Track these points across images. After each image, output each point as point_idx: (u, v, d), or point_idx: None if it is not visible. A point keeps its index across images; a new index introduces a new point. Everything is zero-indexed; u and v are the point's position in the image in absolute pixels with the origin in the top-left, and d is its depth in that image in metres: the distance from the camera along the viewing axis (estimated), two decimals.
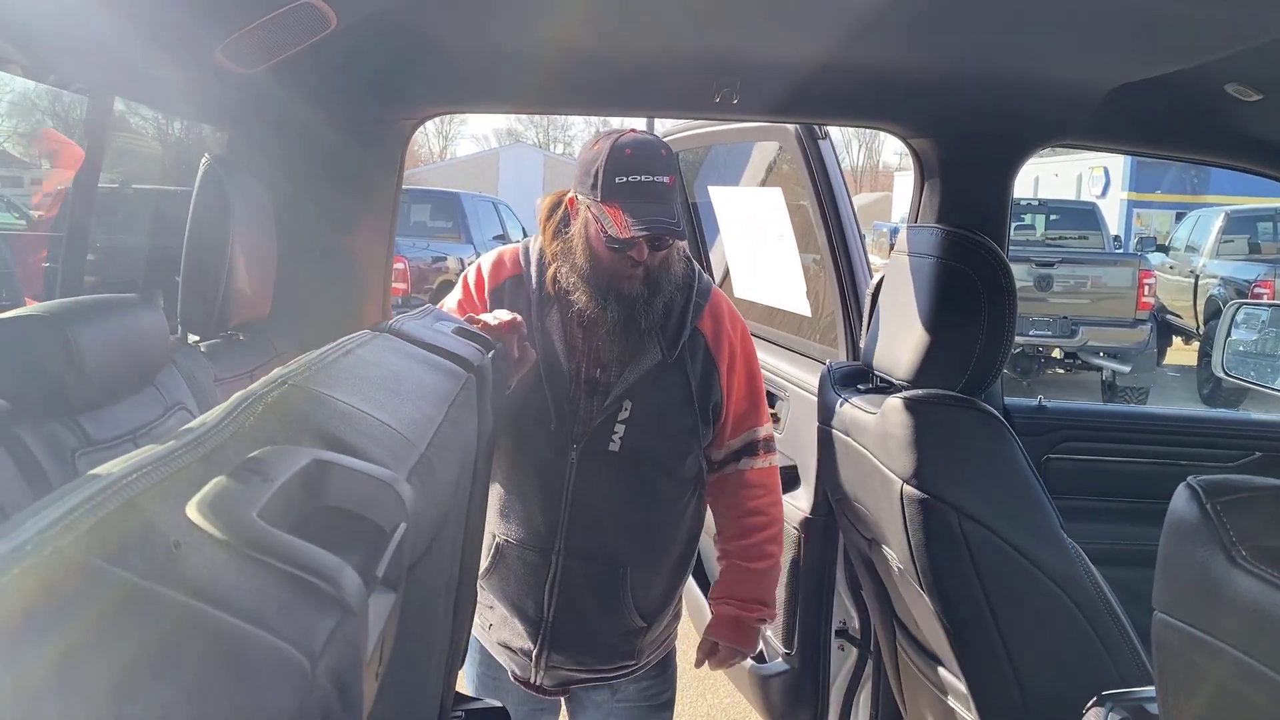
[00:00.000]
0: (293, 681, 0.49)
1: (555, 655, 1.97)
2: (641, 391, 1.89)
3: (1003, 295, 1.73)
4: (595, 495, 1.90)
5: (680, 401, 1.92)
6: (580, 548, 1.91)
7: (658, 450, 1.92)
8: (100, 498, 0.51)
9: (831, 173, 2.53)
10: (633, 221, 1.74)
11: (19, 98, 6.00)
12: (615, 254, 1.81)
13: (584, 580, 1.93)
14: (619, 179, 1.76)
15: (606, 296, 1.84)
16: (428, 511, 0.87)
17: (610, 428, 1.88)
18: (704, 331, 1.94)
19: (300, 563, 0.56)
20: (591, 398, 1.90)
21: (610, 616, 1.96)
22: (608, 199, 1.76)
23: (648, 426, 1.89)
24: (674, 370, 1.91)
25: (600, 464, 1.89)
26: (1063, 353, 10.17)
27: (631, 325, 1.85)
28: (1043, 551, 1.67)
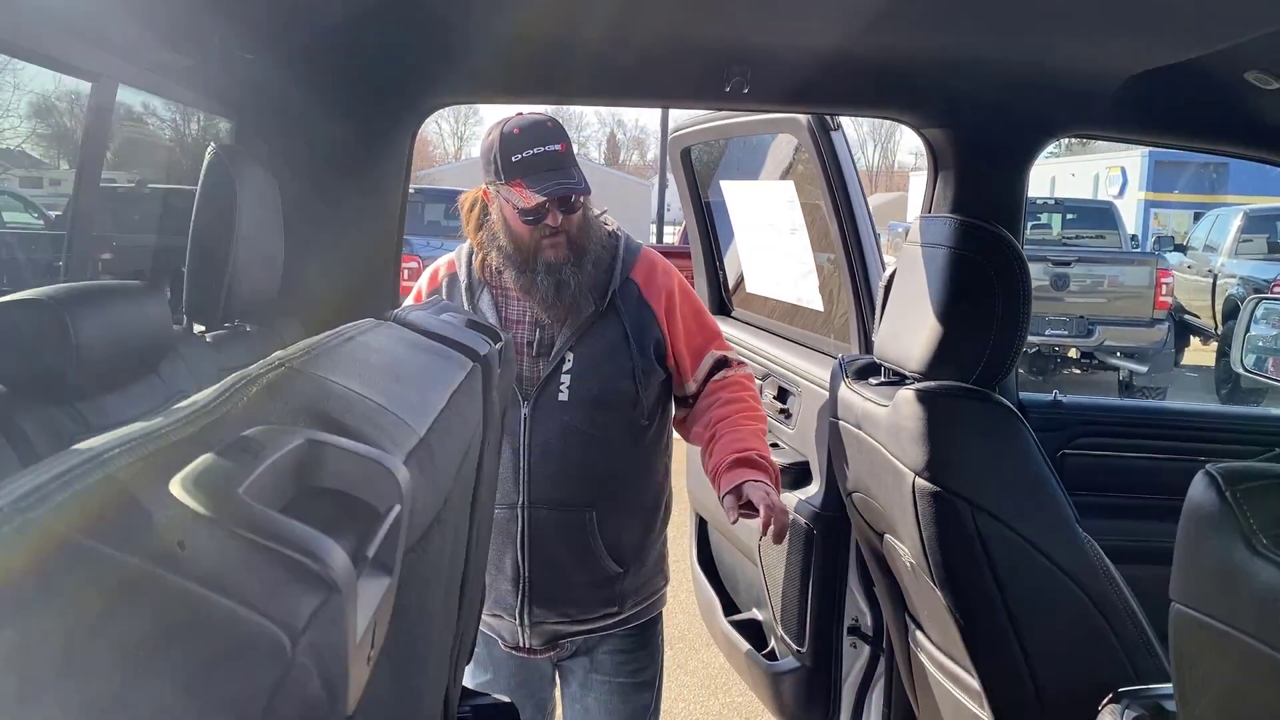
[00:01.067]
0: (271, 659, 0.47)
1: (537, 609, 2.06)
2: (581, 343, 2.03)
3: (1017, 285, 1.71)
4: (552, 445, 2.01)
5: (618, 345, 2.04)
6: (544, 498, 2.02)
7: (605, 394, 2.04)
8: (78, 470, 0.50)
9: (844, 164, 2.50)
10: (535, 190, 1.89)
11: (38, 99, 6.05)
12: (532, 225, 1.95)
13: (553, 529, 2.03)
14: (514, 157, 1.91)
15: (535, 269, 1.97)
16: (426, 496, 0.85)
17: (557, 380, 2.02)
18: (636, 279, 2.08)
19: (286, 539, 0.54)
20: (536, 359, 2.04)
21: (584, 563, 2.06)
22: (509, 178, 1.92)
23: (590, 373, 2.02)
24: (608, 318, 2.05)
25: (553, 414, 2.02)
26: (1079, 352, 10.12)
27: (563, 288, 1.97)
28: (1058, 546, 1.65)
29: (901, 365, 1.87)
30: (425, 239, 11.75)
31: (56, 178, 8.38)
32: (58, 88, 4.62)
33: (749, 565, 3.04)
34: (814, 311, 3.04)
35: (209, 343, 1.79)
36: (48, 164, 8.42)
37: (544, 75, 2.09)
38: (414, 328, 1.20)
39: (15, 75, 5.52)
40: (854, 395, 2.04)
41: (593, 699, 2.19)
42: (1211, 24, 1.67)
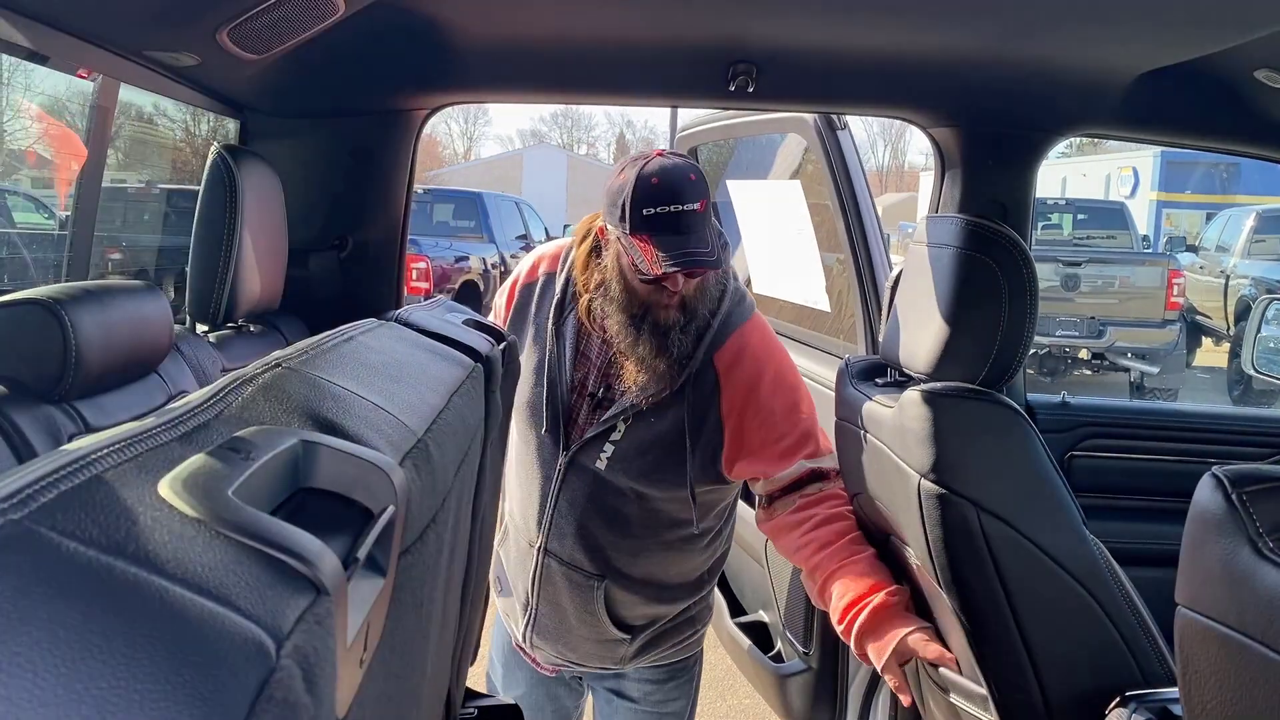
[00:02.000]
0: (254, 662, 0.46)
1: (539, 640, 2.02)
2: (639, 417, 1.84)
3: (1024, 286, 1.69)
4: (578, 505, 1.89)
5: (673, 432, 1.84)
6: (559, 551, 1.93)
7: (640, 479, 1.86)
8: (65, 471, 0.49)
9: (850, 163, 2.50)
10: (664, 256, 1.68)
11: (50, 100, 6.07)
12: (649, 285, 1.76)
13: (562, 582, 1.94)
14: (646, 211, 1.69)
15: (641, 327, 1.79)
16: (423, 497, 0.85)
17: (600, 445, 1.85)
18: (717, 366, 1.86)
19: (273, 541, 0.54)
20: (593, 411, 1.88)
21: (586, 623, 1.96)
22: (636, 232, 1.70)
23: (635, 451, 1.85)
24: (676, 399, 1.84)
25: (584, 479, 1.87)
26: (1090, 353, 10.08)
27: (663, 351, 1.79)
28: (1065, 548, 1.63)
29: (907, 366, 1.86)
30: (434, 239, 11.78)
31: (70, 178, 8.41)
32: (69, 89, 4.63)
33: (755, 567, 3.03)
34: (821, 312, 3.03)
35: (212, 343, 1.79)
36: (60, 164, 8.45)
37: (550, 74, 2.09)
38: (415, 327, 1.20)
39: (26, 76, 5.54)
40: (860, 396, 2.03)
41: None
42: (1221, 22, 1.66)
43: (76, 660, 0.41)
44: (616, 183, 1.75)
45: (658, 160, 1.74)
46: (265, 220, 1.87)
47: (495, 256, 13.08)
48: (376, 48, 1.93)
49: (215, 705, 0.43)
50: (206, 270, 1.76)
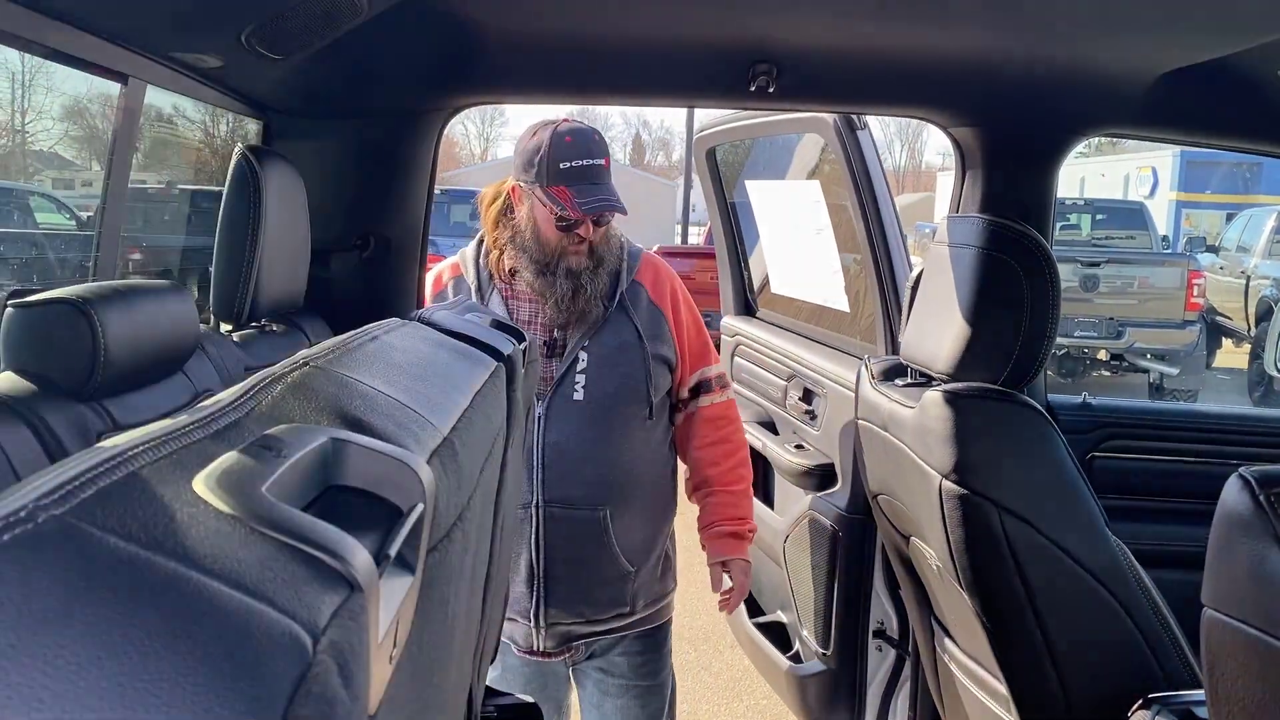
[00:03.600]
0: (291, 656, 0.47)
1: (552, 610, 2.08)
2: (594, 343, 2.06)
3: (1046, 286, 1.69)
4: (566, 444, 2.03)
5: (630, 343, 2.08)
6: (558, 497, 2.04)
7: (619, 391, 2.07)
8: (103, 468, 0.50)
9: (870, 163, 2.49)
10: (581, 201, 1.94)
11: (71, 101, 6.12)
12: (563, 232, 1.99)
13: (567, 528, 2.05)
14: (563, 164, 1.94)
15: (555, 272, 2.01)
16: (449, 495, 0.85)
17: (571, 379, 2.05)
18: (643, 282, 2.13)
19: (307, 537, 0.54)
20: (549, 360, 2.06)
21: (598, 562, 2.08)
22: (555, 183, 1.94)
23: (605, 370, 2.06)
24: (619, 318, 2.08)
25: (568, 413, 2.04)
26: (1109, 354, 10.01)
27: (579, 293, 2.01)
28: (1087, 549, 1.62)
29: (928, 366, 1.85)
30: (451, 240, 11.80)
31: (88, 179, 8.48)
32: (90, 90, 4.67)
33: (773, 567, 3.03)
34: (839, 312, 3.03)
35: (236, 342, 1.80)
36: (79, 165, 8.53)
37: (569, 75, 2.09)
38: (438, 327, 1.20)
39: (48, 78, 5.59)
40: (880, 397, 2.03)
41: (610, 704, 2.21)
42: (1243, 21, 1.65)
43: (119, 654, 0.41)
44: (531, 143, 1.98)
45: (566, 123, 1.99)
46: (288, 220, 1.88)
47: None
48: (398, 49, 1.94)
49: (254, 699, 0.44)
50: (230, 270, 1.77)
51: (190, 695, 0.41)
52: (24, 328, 1.26)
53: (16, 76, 5.55)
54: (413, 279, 2.21)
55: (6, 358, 1.26)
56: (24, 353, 1.25)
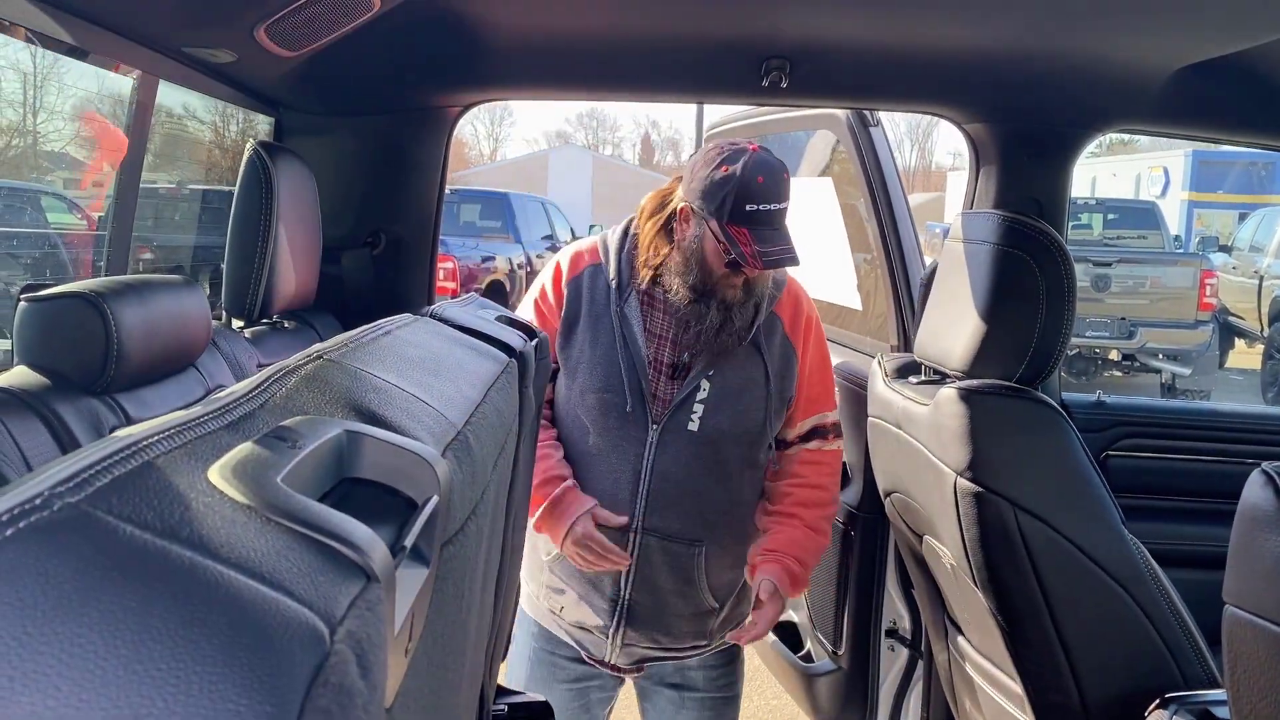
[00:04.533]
0: (309, 646, 0.46)
1: (631, 632, 2.01)
2: (719, 372, 1.94)
3: (1062, 282, 1.68)
4: (674, 474, 1.94)
5: (756, 381, 1.97)
6: (658, 526, 1.95)
7: (735, 429, 1.96)
8: (118, 457, 0.49)
9: (884, 160, 2.48)
10: (761, 250, 1.81)
11: (81, 102, 6.14)
12: (726, 269, 1.87)
13: (661, 559, 1.97)
14: (750, 207, 1.81)
15: (709, 301, 1.90)
16: (463, 489, 0.85)
17: (689, 408, 1.94)
18: (781, 316, 2.00)
19: (323, 528, 0.54)
20: (671, 380, 1.96)
21: (685, 596, 2.00)
22: (736, 223, 1.82)
23: (724, 405, 1.94)
24: (749, 351, 1.96)
25: (680, 443, 1.94)
26: (1120, 355, 9.97)
27: (727, 325, 1.91)
28: (1103, 547, 1.61)
29: (943, 363, 1.84)
30: (461, 239, 11.82)
31: (99, 179, 8.51)
32: (101, 90, 4.68)
33: None
34: (851, 310, 3.02)
35: (248, 338, 1.80)
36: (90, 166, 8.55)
37: (583, 70, 2.09)
38: (450, 323, 1.20)
39: (59, 79, 5.61)
40: (893, 394, 2.01)
41: (685, 716, 2.15)
42: (1260, 15, 1.63)
43: (136, 642, 0.41)
44: (719, 174, 1.84)
45: (759, 156, 1.85)
46: (300, 217, 1.88)
47: (521, 257, 13.11)
48: (411, 45, 1.93)
49: (272, 689, 0.43)
50: (242, 266, 1.77)
51: (208, 684, 0.41)
52: (37, 322, 1.26)
53: (29, 77, 5.56)
54: (424, 276, 2.21)
55: (20, 352, 1.26)
56: (37, 347, 1.25)
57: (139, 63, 1.60)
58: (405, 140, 2.13)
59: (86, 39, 1.42)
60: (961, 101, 2.15)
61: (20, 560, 0.40)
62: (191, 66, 1.70)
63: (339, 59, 1.87)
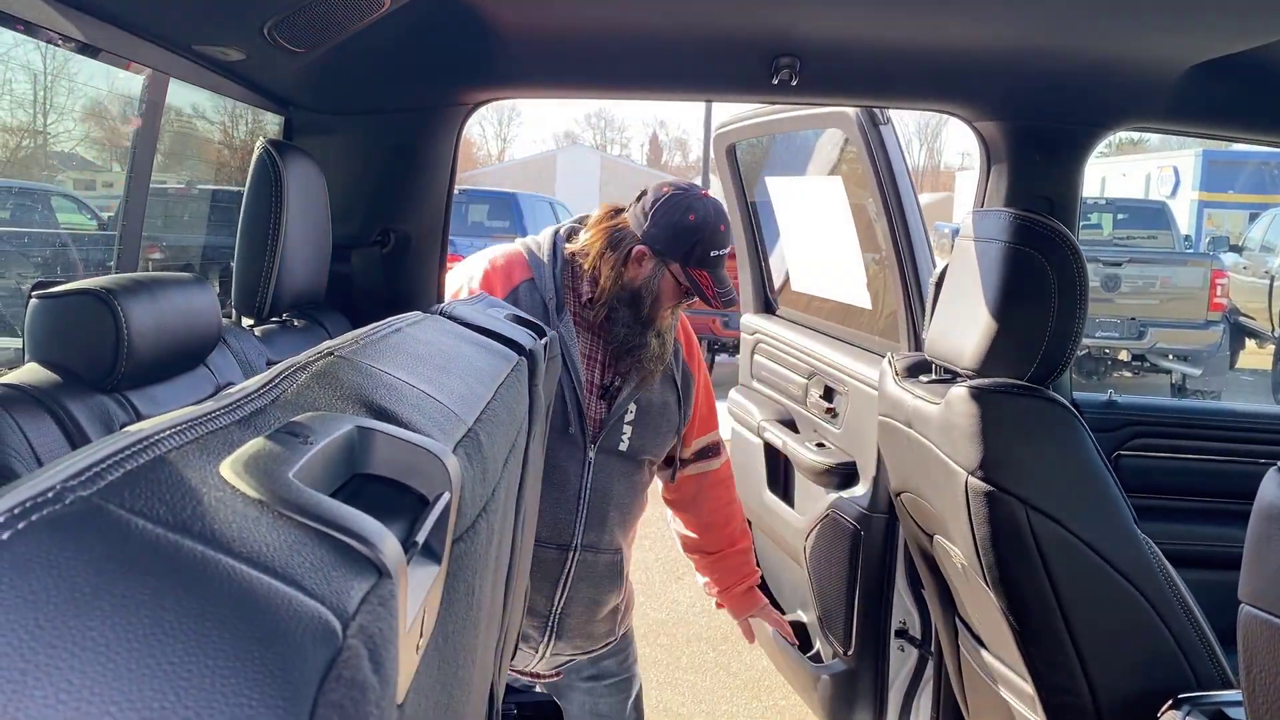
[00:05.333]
0: (321, 641, 0.46)
1: (559, 643, 2.13)
2: (644, 396, 2.10)
3: (1074, 280, 1.67)
4: (610, 491, 2.08)
5: (670, 405, 2.15)
6: (593, 541, 2.09)
7: (654, 448, 2.15)
8: (130, 451, 0.49)
9: (894, 159, 2.47)
10: (720, 293, 2.02)
11: (92, 103, 6.17)
12: (676, 304, 2.06)
13: (593, 571, 2.10)
14: (714, 253, 2.01)
15: (647, 331, 2.04)
16: (474, 486, 0.85)
17: (619, 429, 2.08)
18: (680, 340, 2.20)
19: (336, 523, 0.54)
20: (600, 400, 2.09)
21: (607, 601, 2.16)
22: (700, 268, 2.01)
23: (649, 427, 2.12)
24: (664, 376, 2.13)
25: (612, 463, 2.08)
26: (1130, 355, 9.93)
27: (663, 354, 2.07)
28: (1115, 547, 1.60)
29: (954, 362, 1.83)
30: (469, 239, 11.83)
31: (109, 180, 8.55)
32: (111, 90, 4.70)
33: (794, 567, 3.01)
34: (860, 309, 3.01)
35: (257, 336, 1.80)
36: (100, 166, 8.59)
37: (592, 68, 2.08)
38: (460, 321, 1.20)
39: (70, 79, 5.63)
40: (904, 393, 2.01)
41: (605, 703, 2.30)
42: (1273, 13, 1.62)
43: (148, 636, 0.41)
44: (685, 222, 2.00)
45: (715, 204, 2.05)
46: (309, 215, 1.88)
47: None
48: (420, 43, 1.93)
49: (285, 683, 0.43)
50: (252, 264, 1.77)
51: (219, 678, 0.40)
52: (48, 319, 1.26)
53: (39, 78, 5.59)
54: (433, 275, 2.21)
55: (30, 349, 1.26)
56: (48, 344, 1.25)
57: (149, 60, 1.60)
58: (414, 139, 2.13)
59: (96, 36, 1.43)
60: (973, 99, 2.14)
61: (32, 553, 0.39)
62: (201, 64, 1.70)
63: (348, 57, 1.87)
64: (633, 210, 2.05)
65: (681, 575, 4.81)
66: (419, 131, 2.12)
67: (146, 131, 1.67)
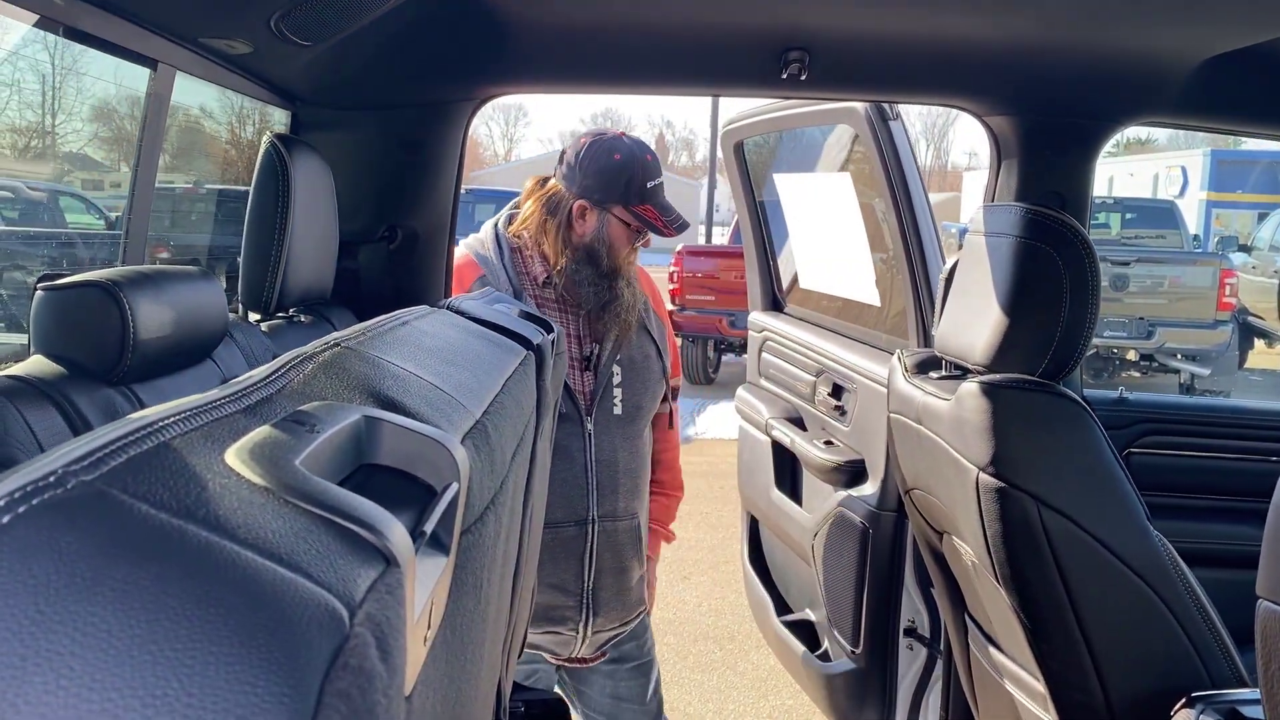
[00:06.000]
0: (328, 629, 0.45)
1: (597, 619, 2.13)
2: (625, 355, 2.12)
3: (1086, 275, 1.66)
4: (613, 458, 2.10)
5: (651, 356, 2.17)
6: (610, 511, 2.10)
7: (647, 403, 2.16)
8: (134, 437, 0.49)
9: (903, 155, 2.45)
10: (669, 220, 2.03)
11: (100, 103, 6.19)
12: (628, 247, 2.06)
13: (615, 540, 2.12)
14: (650, 183, 2.01)
15: (616, 282, 2.05)
16: (482, 478, 0.84)
17: (610, 394, 2.10)
18: (645, 292, 2.20)
19: (342, 511, 0.53)
20: (584, 373, 2.10)
21: (634, 569, 2.17)
22: (641, 202, 2.01)
23: (636, 384, 2.13)
24: (639, 329, 2.15)
25: (611, 429, 2.10)
26: (1138, 355, 9.91)
27: (636, 301, 2.08)
28: (1128, 544, 1.59)
29: (964, 358, 1.82)
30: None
31: (116, 180, 8.59)
32: (119, 91, 4.72)
33: (802, 565, 3.00)
34: (869, 306, 3.00)
35: (264, 331, 1.79)
36: (108, 166, 8.64)
37: (598, 64, 2.07)
38: (467, 315, 1.20)
39: (78, 79, 5.65)
40: (914, 389, 2.00)
41: (625, 686, 2.28)
42: None
43: (151, 622, 0.40)
44: (610, 162, 2.01)
45: (632, 140, 2.05)
46: (316, 211, 1.88)
47: None
48: (427, 37, 1.93)
49: (291, 671, 0.42)
50: (259, 259, 1.77)
51: (223, 664, 0.40)
52: (54, 311, 1.26)
53: (47, 78, 5.61)
54: (440, 271, 2.20)
55: (36, 341, 1.26)
56: (54, 336, 1.25)
57: (155, 53, 1.60)
58: (421, 134, 2.12)
59: (102, 28, 1.42)
60: (983, 94, 2.12)
61: (34, 537, 0.39)
62: (207, 58, 1.70)
63: (355, 52, 1.86)
64: (559, 173, 2.09)
65: (689, 575, 4.81)
66: (426, 126, 2.12)
67: (152, 128, 1.67)
